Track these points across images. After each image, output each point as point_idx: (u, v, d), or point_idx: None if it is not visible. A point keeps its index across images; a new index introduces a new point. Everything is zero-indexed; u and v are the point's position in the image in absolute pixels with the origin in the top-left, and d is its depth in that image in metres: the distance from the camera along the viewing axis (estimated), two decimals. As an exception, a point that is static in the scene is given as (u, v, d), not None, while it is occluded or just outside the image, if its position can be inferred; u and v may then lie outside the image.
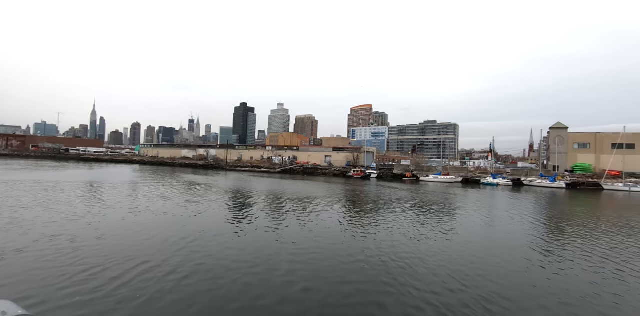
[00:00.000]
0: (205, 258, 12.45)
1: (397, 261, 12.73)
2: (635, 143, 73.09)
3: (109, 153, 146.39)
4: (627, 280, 11.48)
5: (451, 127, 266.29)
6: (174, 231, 16.53)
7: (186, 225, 17.96)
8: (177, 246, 13.79)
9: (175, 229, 16.96)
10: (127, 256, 12.31)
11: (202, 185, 41.66)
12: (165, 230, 16.62)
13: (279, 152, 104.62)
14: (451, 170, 78.69)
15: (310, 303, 9.03)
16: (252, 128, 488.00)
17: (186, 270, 11.10)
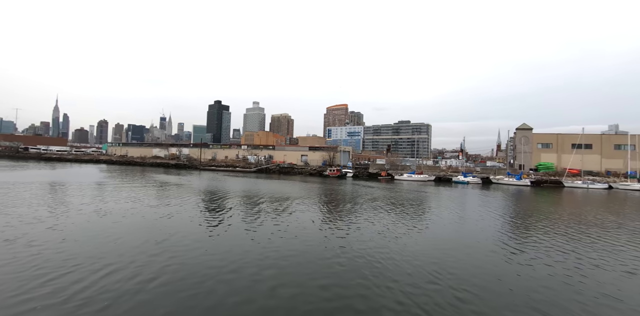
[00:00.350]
0: (174, 259, 12.02)
1: (371, 259, 12.83)
2: (592, 144, 78.09)
3: (73, 152, 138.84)
4: (585, 272, 12.16)
5: (424, 127, 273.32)
6: (142, 233, 15.87)
7: (156, 227, 17.29)
8: (146, 249, 13.24)
9: (145, 231, 16.30)
10: (91, 260, 11.67)
11: (174, 185, 40.38)
12: (133, 232, 15.92)
13: (254, 151, 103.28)
14: (424, 169, 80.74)
15: (284, 303, 8.90)
16: (226, 127, 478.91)
17: (154, 273, 10.66)
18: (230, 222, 19.16)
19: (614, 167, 74.21)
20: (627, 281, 11.23)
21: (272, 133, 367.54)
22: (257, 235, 16.26)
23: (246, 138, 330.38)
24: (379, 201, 31.86)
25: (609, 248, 15.69)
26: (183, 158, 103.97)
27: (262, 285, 9.94)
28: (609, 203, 37.24)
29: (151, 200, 27.11)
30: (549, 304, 9.17)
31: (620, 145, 77.03)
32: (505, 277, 11.30)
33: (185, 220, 19.27)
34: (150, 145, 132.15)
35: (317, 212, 24.28)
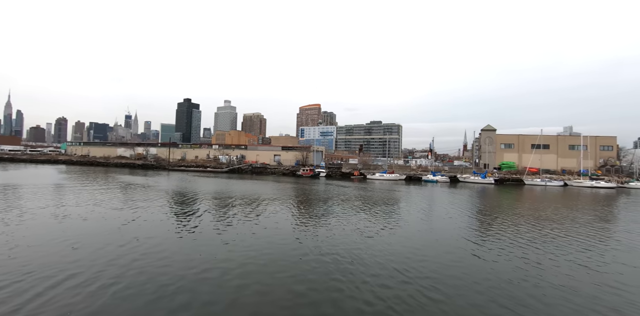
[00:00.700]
0: (137, 263, 11.48)
1: (342, 259, 12.90)
2: (549, 144, 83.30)
3: (28, 151, 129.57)
4: (543, 265, 12.90)
5: (395, 127, 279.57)
6: (104, 237, 15.05)
7: (120, 230, 16.46)
8: (107, 253, 12.55)
9: (107, 235, 15.46)
10: (46, 267, 10.90)
11: (141, 187, 38.72)
12: (94, 237, 15.07)
13: (226, 151, 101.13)
14: (396, 168, 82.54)
15: (261, 305, 8.75)
16: (196, 126, 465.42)
17: (115, 278, 10.12)
18: (199, 224, 18.61)
19: (568, 165, 79.47)
20: (581, 272, 12.03)
21: (244, 133, 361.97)
22: (226, 236, 15.89)
23: (217, 138, 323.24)
24: (352, 200, 32.20)
25: (564, 242, 16.74)
26: (150, 158, 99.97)
27: (228, 288, 9.71)
28: (564, 200, 39.81)
29: (115, 202, 25.81)
30: (510, 297, 9.62)
31: (574, 145, 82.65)
32: (471, 273, 11.74)
33: (151, 223, 18.49)
34: (115, 145, 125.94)
35: (289, 212, 24.15)
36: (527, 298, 9.58)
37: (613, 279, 11.39)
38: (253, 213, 22.67)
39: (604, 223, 23.57)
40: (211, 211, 23.28)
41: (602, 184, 62.25)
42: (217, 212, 23.14)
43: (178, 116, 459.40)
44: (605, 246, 16.11)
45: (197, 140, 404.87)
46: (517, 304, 9.12)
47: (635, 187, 61.87)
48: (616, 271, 12.27)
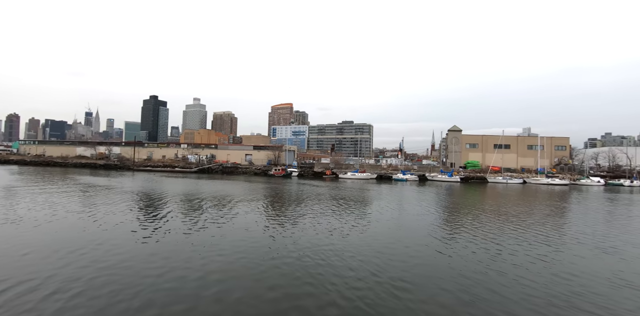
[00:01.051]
0: (104, 271, 10.86)
1: (316, 257, 12.93)
2: (510, 144, 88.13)
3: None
4: (504, 257, 13.61)
5: (366, 127, 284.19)
6: (62, 242, 14.12)
7: (79, 235, 15.51)
8: (66, 260, 11.77)
9: (65, 241, 14.51)
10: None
11: (102, 188, 36.77)
12: (50, 242, 14.10)
13: (195, 150, 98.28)
14: (367, 167, 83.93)
15: (229, 308, 8.56)
16: (164, 124, 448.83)
17: (78, 287, 9.49)
18: (168, 227, 17.94)
19: (527, 164, 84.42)
20: (538, 264, 12.80)
21: (214, 132, 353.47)
22: (193, 239, 15.41)
23: (186, 137, 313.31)
24: (324, 200, 32.35)
25: (523, 236, 17.73)
26: (113, 158, 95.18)
27: (205, 291, 9.43)
28: (523, 196, 42.24)
29: (73, 205, 24.32)
30: (473, 289, 10.06)
31: (532, 145, 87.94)
32: (437, 268, 12.16)
33: (115, 227, 17.58)
34: (74, 143, 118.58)
35: (260, 212, 23.87)
36: (489, 289, 10.06)
37: (565, 269, 12.21)
38: (222, 215, 22.19)
39: (558, 218, 25.25)
40: (178, 213, 22.53)
41: (557, 181, 66.66)
42: (185, 213, 22.43)
43: (144, 114, 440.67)
44: (558, 239, 17.24)
45: (165, 139, 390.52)
46: (480, 295, 9.55)
47: (585, 184, 66.80)
48: (568, 262, 13.17)
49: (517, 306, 8.88)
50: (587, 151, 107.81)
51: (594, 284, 10.75)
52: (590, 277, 11.38)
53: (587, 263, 13.10)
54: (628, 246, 16.05)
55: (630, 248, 15.81)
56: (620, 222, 23.83)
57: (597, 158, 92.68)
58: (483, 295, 9.62)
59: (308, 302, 8.94)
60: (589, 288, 10.37)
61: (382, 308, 8.69)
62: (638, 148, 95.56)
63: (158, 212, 22.35)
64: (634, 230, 20.55)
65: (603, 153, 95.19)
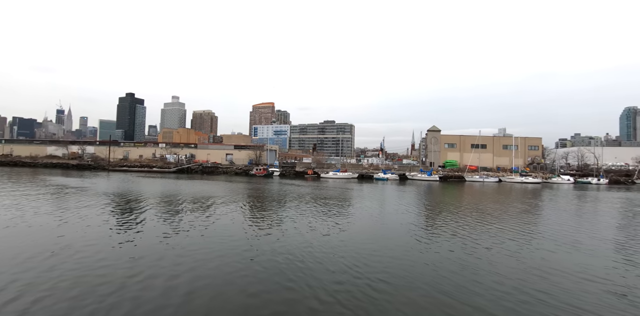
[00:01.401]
0: (70, 274, 10.40)
1: (297, 256, 12.88)
2: (487, 144, 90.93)
3: None
4: (479, 254, 14.02)
5: (348, 127, 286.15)
6: (27, 246, 13.43)
7: (47, 238, 14.77)
8: (29, 264, 11.18)
9: (30, 244, 13.80)
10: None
11: (75, 189, 35.34)
12: (13, 246, 13.39)
13: (174, 150, 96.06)
14: (348, 167, 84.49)
15: (210, 310, 8.40)
16: (141, 123, 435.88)
17: (42, 292, 9.04)
18: (141, 228, 17.44)
19: (502, 163, 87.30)
20: (511, 260, 13.27)
21: (193, 131, 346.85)
22: (172, 240, 15.04)
23: (164, 136, 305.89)
24: (305, 199, 32.34)
25: (498, 232, 18.32)
26: (87, 157, 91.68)
27: (175, 294, 9.19)
28: (499, 194, 43.68)
29: (43, 206, 23.24)
30: (451, 286, 10.31)
31: (507, 145, 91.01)
32: (416, 265, 12.39)
33: (86, 229, 16.90)
34: (44, 143, 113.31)
35: (241, 213, 23.61)
36: (465, 285, 10.33)
37: (537, 264, 12.71)
38: (202, 215, 21.80)
39: (531, 215, 26.26)
40: (156, 214, 21.95)
41: (530, 180, 69.33)
42: (163, 214, 21.88)
43: (120, 112, 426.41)
44: (531, 235, 17.92)
45: (142, 138, 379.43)
46: (456, 293, 9.79)
47: (556, 182, 69.82)
48: (540, 257, 13.71)
49: (491, 303, 9.14)
50: (558, 151, 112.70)
51: (563, 279, 11.23)
52: (559, 272, 11.88)
53: (556, 259, 13.67)
54: (595, 241, 16.88)
55: (597, 243, 16.63)
56: (587, 218, 25.04)
57: (567, 158, 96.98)
58: (459, 292, 9.87)
59: (289, 300, 8.91)
60: (558, 283, 10.83)
61: (363, 304, 8.76)
62: (605, 148, 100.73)
63: (134, 214, 21.69)
64: (600, 226, 21.64)
65: (573, 152, 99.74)
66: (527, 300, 9.32)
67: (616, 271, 12.19)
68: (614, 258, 13.99)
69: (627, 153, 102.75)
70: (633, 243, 16.83)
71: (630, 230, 20.56)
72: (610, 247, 15.94)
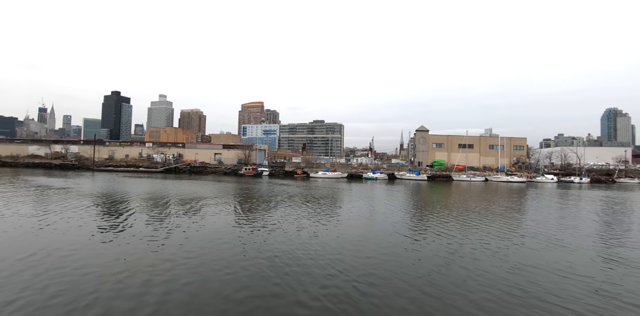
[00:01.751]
0: (54, 277, 10.11)
1: (282, 257, 12.85)
2: (473, 144, 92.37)
3: None
4: (464, 252, 14.26)
5: (337, 126, 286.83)
6: (9, 249, 13.06)
7: (29, 240, 14.43)
8: (12, 267, 10.87)
9: (13, 246, 13.46)
10: None
11: (58, 190, 34.49)
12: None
13: (161, 149, 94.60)
14: (338, 166, 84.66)
15: (190, 312, 8.31)
16: (127, 122, 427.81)
17: (22, 296, 8.79)
18: (130, 230, 17.12)
19: (489, 163, 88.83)
20: (495, 258, 13.54)
21: (181, 130, 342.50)
22: (162, 241, 14.81)
23: (151, 135, 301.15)
24: (294, 199, 32.30)
25: (483, 231, 18.65)
26: (71, 157, 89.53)
27: (151, 296, 9.02)
28: (485, 193, 44.43)
29: (22, 208, 22.59)
30: (435, 285, 10.45)
31: (493, 145, 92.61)
32: (402, 264, 12.51)
33: (67, 230, 16.51)
34: (26, 142, 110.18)
35: (230, 212, 23.44)
36: (450, 285, 10.48)
37: (520, 262, 12.99)
38: (188, 216, 21.56)
39: (515, 213, 26.82)
40: (140, 214, 21.59)
41: (515, 179, 70.79)
42: (147, 215, 21.55)
43: (105, 110, 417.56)
44: (515, 234, 18.31)
45: (128, 138, 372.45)
46: (442, 291, 9.94)
47: (540, 181, 71.46)
48: (523, 254, 14.03)
49: (475, 303, 9.27)
50: (542, 151, 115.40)
51: (546, 274, 11.52)
52: (542, 268, 12.17)
53: (539, 256, 14.00)
54: (576, 239, 17.35)
55: (578, 240, 17.10)
56: (569, 216, 25.70)
57: (551, 157, 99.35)
58: (444, 292, 9.97)
59: (275, 302, 8.86)
60: (541, 278, 11.10)
61: (347, 307, 8.71)
62: (586, 148, 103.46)
63: (117, 215, 21.30)
64: (581, 224, 22.25)
65: (556, 152, 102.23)
66: (510, 298, 9.50)
67: (596, 267, 12.57)
68: (594, 255, 14.40)
69: (608, 153, 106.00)
70: (613, 241, 17.38)
71: (609, 228, 21.21)
72: (590, 244, 16.40)
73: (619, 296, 9.79)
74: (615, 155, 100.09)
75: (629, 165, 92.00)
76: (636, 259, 13.75)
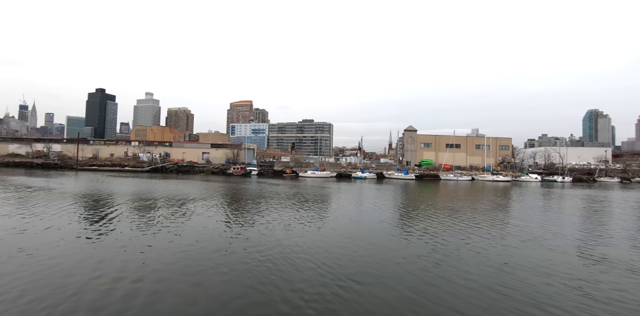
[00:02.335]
0: (30, 281, 9.78)
1: (267, 259, 12.75)
2: (460, 144, 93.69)
3: None
4: (448, 251, 14.46)
5: (327, 126, 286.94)
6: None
7: (3, 242, 14.00)
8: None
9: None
10: None
11: (39, 190, 33.56)
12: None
13: (147, 148, 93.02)
14: (327, 166, 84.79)
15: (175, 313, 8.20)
16: (112, 120, 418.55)
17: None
18: (108, 229, 16.75)
19: (475, 162, 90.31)
20: (479, 256, 13.76)
21: (168, 129, 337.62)
22: (139, 241, 14.52)
23: (137, 134, 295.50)
24: (283, 198, 32.20)
25: (468, 230, 18.91)
26: (53, 156, 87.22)
27: (137, 297, 8.87)
28: (471, 192, 45.17)
29: (4, 208, 21.91)
30: (422, 283, 10.56)
31: (479, 145, 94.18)
32: (387, 263, 12.58)
33: (48, 231, 16.05)
34: (6, 140, 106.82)
35: (215, 213, 23.17)
36: (435, 283, 10.58)
37: (504, 260, 13.24)
38: (174, 215, 21.24)
39: (500, 212, 27.32)
40: (124, 214, 21.17)
41: (501, 178, 72.18)
42: (132, 215, 21.15)
43: (89, 108, 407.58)
44: (500, 232, 18.66)
45: (113, 136, 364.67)
46: (427, 289, 10.03)
47: (525, 180, 73.03)
48: (507, 254, 14.29)
49: (459, 300, 9.39)
50: (526, 150, 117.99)
51: (527, 273, 11.76)
52: (524, 267, 12.43)
53: (522, 254, 14.28)
54: (559, 237, 17.77)
55: (561, 239, 17.52)
56: (552, 215, 26.34)
57: (535, 157, 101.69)
58: (428, 289, 10.06)
59: (251, 307, 8.65)
60: (523, 277, 11.33)
61: (328, 311, 8.58)
62: (569, 148, 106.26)
63: (101, 215, 20.81)
64: (563, 222, 22.83)
65: (540, 152, 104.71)
66: (493, 296, 9.66)
67: (575, 265, 12.91)
68: (574, 253, 14.78)
69: (589, 153, 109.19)
70: (592, 239, 17.86)
71: (589, 226, 21.81)
72: (571, 243, 16.81)
73: (598, 290, 10.08)
74: (596, 155, 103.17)
75: (609, 165, 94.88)
76: (614, 256, 14.18)
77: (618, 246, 16.22)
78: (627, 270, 12.32)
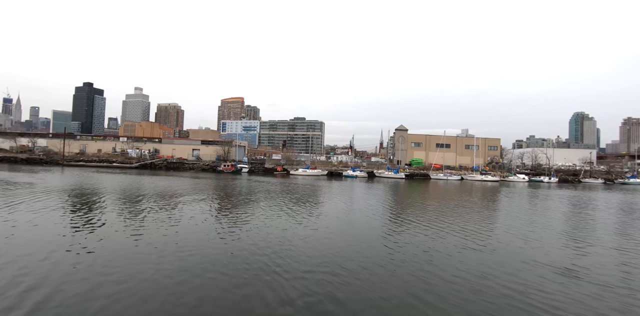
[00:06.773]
0: (11, 285, 9.64)
1: (259, 255, 12.76)
2: (450, 144, 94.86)
3: None
4: (439, 248, 14.66)
5: (318, 124, 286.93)
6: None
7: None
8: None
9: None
10: None
11: (23, 186, 32.77)
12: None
13: (136, 144, 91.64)
14: (318, 164, 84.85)
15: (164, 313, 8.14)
16: (100, 115, 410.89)
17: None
18: (93, 228, 16.42)
19: (465, 162, 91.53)
20: (468, 255, 13.98)
21: (158, 125, 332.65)
22: (126, 240, 14.33)
23: (126, 129, 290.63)
24: (274, 196, 32.12)
25: (456, 228, 19.19)
26: (38, 151, 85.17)
27: (127, 298, 8.75)
28: (460, 192, 45.76)
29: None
30: (412, 283, 10.71)
31: (469, 145, 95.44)
32: (377, 261, 12.70)
33: (32, 229, 15.74)
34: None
35: (203, 211, 22.97)
36: (424, 282, 10.73)
37: (491, 259, 13.48)
38: (161, 213, 20.98)
39: (488, 211, 27.79)
40: (110, 212, 20.81)
41: (490, 178, 73.27)
42: (118, 213, 20.83)
43: (76, 102, 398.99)
44: (488, 231, 18.97)
45: (101, 131, 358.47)
46: (418, 287, 10.18)
47: (513, 180, 74.33)
48: (493, 251, 14.56)
49: (448, 300, 9.54)
50: (514, 151, 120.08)
51: (515, 271, 12.00)
52: (512, 265, 12.69)
53: (509, 252, 14.57)
54: (545, 236, 18.17)
55: (547, 237, 17.92)
56: (538, 214, 26.88)
57: (523, 158, 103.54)
58: (417, 288, 10.21)
59: (234, 308, 8.48)
60: (511, 275, 11.56)
61: (322, 305, 8.63)
62: (555, 149, 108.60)
63: (86, 212, 20.45)
64: (550, 221, 23.31)
65: (527, 153, 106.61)
66: (480, 292, 9.85)
67: (562, 263, 13.22)
68: (560, 250, 15.15)
69: (575, 155, 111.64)
70: (577, 237, 18.31)
71: (574, 225, 22.34)
72: (557, 241, 17.21)
73: (584, 285, 10.35)
74: (581, 156, 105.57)
75: (593, 166, 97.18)
76: (597, 253, 14.57)
77: (600, 245, 16.67)
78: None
